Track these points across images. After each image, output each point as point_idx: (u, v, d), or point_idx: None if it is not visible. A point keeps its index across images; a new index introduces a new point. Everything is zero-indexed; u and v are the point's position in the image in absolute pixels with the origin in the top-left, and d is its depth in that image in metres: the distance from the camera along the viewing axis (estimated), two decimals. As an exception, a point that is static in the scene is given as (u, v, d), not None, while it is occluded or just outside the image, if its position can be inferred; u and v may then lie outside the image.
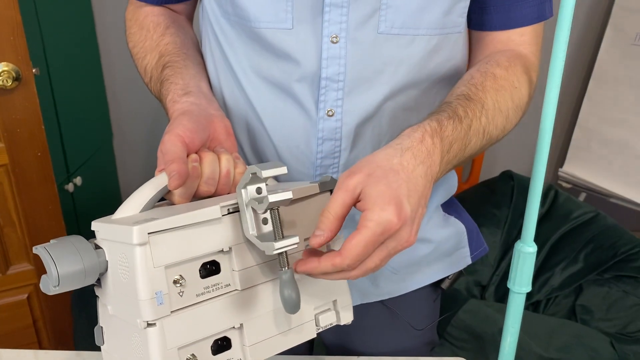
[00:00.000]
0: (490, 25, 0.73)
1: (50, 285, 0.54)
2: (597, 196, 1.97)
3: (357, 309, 0.83)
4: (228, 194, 0.64)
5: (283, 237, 0.54)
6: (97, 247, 0.57)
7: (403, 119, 0.71)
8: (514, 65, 0.69)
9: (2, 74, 1.27)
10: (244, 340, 0.58)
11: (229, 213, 0.56)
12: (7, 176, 1.37)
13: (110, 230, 0.55)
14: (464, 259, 0.85)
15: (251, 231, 0.55)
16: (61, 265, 0.53)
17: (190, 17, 0.85)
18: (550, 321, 1.43)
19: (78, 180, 1.78)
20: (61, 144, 1.70)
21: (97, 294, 0.61)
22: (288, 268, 0.54)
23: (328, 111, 0.68)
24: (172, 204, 0.61)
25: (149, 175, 0.60)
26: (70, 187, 1.73)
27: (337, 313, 0.65)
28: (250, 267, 0.58)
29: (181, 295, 0.54)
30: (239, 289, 0.57)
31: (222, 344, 0.58)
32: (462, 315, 1.39)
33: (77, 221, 1.81)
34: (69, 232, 1.55)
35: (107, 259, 0.56)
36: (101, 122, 2.09)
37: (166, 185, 0.59)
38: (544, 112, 0.65)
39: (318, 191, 0.60)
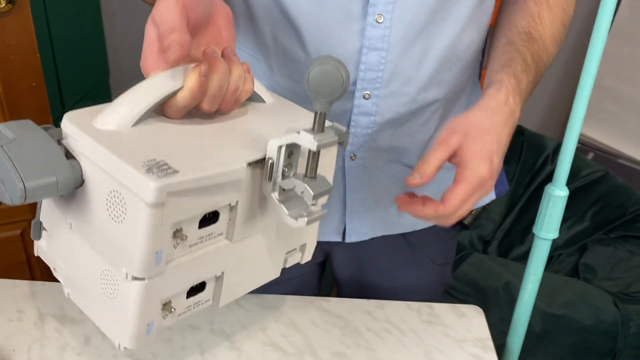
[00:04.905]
0: None
1: (7, 197, 0.43)
2: (606, 156, 1.93)
3: (378, 241, 0.82)
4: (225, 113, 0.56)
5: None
6: (68, 153, 0.46)
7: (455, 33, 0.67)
8: None
9: (-5, -6, 1.19)
10: (221, 285, 0.54)
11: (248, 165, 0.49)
12: (0, 106, 1.31)
13: (103, 157, 0.44)
14: (489, 195, 0.83)
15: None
16: (27, 176, 0.42)
17: None
18: (554, 278, 1.41)
19: (74, 116, 1.72)
20: (56, 77, 1.64)
21: None
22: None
23: (377, 16, 0.63)
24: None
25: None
26: (65, 123, 1.68)
27: (302, 254, 0.65)
28: (248, 220, 0.52)
29: (175, 248, 0.47)
30: (232, 240, 0.52)
31: (195, 287, 0.53)
32: (466, 268, 1.37)
33: (73, 159, 1.77)
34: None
35: (84, 177, 0.46)
36: (98, 58, 2.01)
37: (165, 96, 0.49)
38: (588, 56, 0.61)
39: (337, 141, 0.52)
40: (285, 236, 0.59)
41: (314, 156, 0.48)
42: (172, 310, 0.50)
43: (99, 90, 2.00)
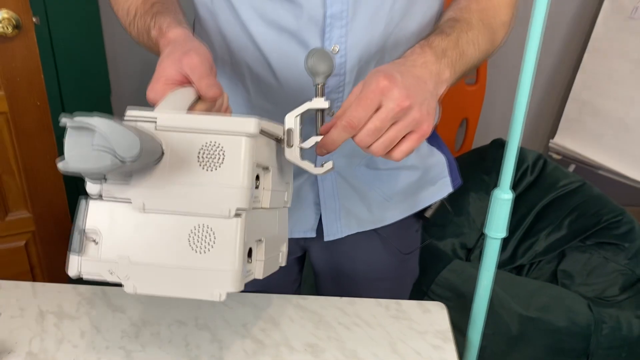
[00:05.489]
0: None
1: (114, 158, 0.46)
2: (586, 168, 2.00)
3: (352, 235, 0.91)
4: None
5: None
6: None
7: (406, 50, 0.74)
8: None
9: (2, 21, 1.28)
10: (259, 255, 0.61)
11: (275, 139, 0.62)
12: (7, 124, 1.39)
13: (194, 119, 0.54)
14: (446, 188, 0.92)
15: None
16: (139, 137, 0.47)
17: None
18: (532, 283, 1.47)
19: (76, 134, 1.80)
20: (60, 97, 1.72)
21: (104, 190, 0.56)
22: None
23: (333, 48, 0.71)
24: None
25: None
26: (68, 140, 1.75)
27: (281, 254, 0.72)
28: (274, 191, 0.62)
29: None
30: (266, 206, 0.61)
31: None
32: (447, 274, 1.44)
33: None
34: (67, 183, 1.58)
35: (163, 148, 0.54)
36: (99, 78, 2.09)
37: (193, 101, 0.60)
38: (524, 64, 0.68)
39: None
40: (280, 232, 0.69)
41: (322, 115, 0.62)
42: (250, 261, 0.57)
43: (100, 109, 2.07)
